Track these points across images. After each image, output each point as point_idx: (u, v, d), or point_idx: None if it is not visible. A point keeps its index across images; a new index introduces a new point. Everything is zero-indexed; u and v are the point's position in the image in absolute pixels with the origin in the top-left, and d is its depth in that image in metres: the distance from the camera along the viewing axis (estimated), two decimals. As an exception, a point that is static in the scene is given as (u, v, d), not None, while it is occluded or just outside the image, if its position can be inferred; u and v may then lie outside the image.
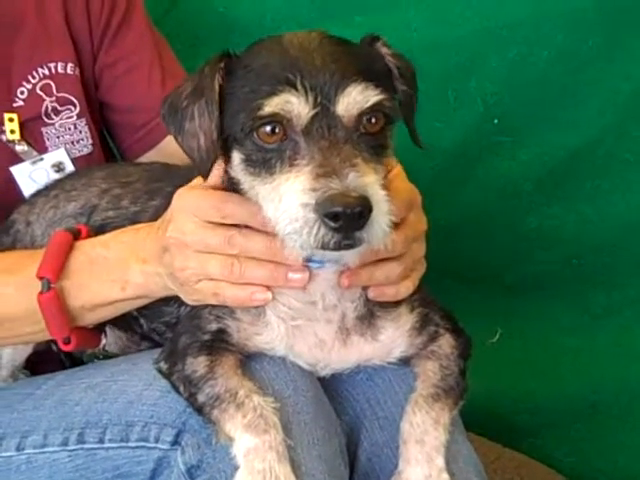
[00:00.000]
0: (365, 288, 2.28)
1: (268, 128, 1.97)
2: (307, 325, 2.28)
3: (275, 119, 1.95)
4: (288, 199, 1.91)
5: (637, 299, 3.65)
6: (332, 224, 1.85)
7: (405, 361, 2.41)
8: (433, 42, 3.42)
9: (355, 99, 1.95)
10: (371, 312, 2.31)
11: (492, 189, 3.64)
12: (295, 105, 1.93)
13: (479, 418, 3.53)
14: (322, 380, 2.38)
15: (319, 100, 1.93)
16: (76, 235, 2.45)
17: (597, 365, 3.74)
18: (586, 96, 3.39)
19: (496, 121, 3.50)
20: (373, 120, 1.99)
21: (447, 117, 3.52)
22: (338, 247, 1.90)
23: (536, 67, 3.38)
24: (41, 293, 2.36)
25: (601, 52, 3.30)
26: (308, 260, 2.16)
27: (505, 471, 3.83)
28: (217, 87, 2.04)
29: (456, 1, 3.40)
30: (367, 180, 1.89)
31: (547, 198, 3.61)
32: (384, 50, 2.12)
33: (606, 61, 3.31)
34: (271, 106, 1.94)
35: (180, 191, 2.25)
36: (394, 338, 2.35)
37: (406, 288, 2.30)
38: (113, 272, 2.37)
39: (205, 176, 2.13)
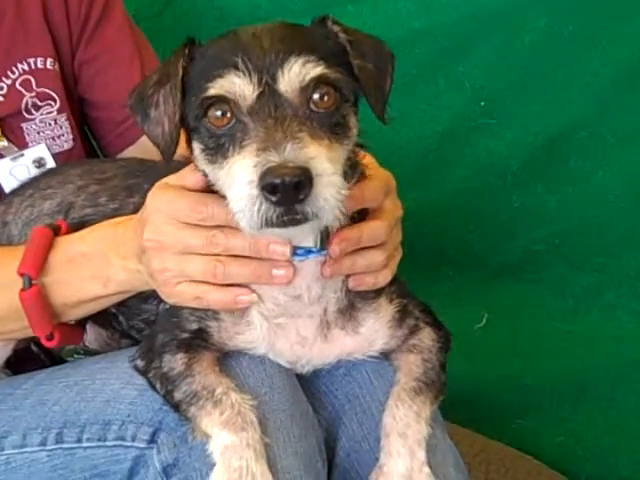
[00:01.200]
0: (347, 278, 2.17)
1: (218, 112, 1.91)
2: (289, 322, 2.18)
3: (220, 100, 1.90)
4: (237, 179, 1.83)
5: (619, 280, 3.61)
6: (272, 197, 1.76)
7: (385, 355, 2.30)
8: (423, 29, 3.42)
9: (295, 72, 1.87)
10: (352, 304, 2.21)
11: (478, 169, 3.61)
12: (238, 86, 1.87)
13: (468, 401, 3.55)
14: (300, 376, 2.29)
15: (264, 80, 1.86)
16: (56, 231, 2.34)
17: (582, 347, 3.68)
18: (568, 79, 3.38)
19: (483, 104, 3.49)
20: (325, 97, 1.90)
21: (436, 100, 3.52)
22: (283, 223, 1.80)
23: (520, 52, 3.39)
24: (23, 290, 2.26)
25: (582, 37, 3.30)
26: (293, 253, 2.06)
27: (490, 462, 3.74)
28: (180, 72, 1.99)
29: (445, -10, 3.38)
30: (309, 152, 1.79)
31: (530, 178, 3.57)
32: (335, 28, 2.02)
33: (587, 46, 3.31)
34: (215, 88, 1.89)
35: (154, 191, 2.14)
36: (375, 329, 2.24)
37: (384, 276, 2.20)
38: (93, 268, 2.27)
39: (168, 161, 2.06)
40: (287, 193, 1.74)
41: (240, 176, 1.81)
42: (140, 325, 2.42)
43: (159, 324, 2.24)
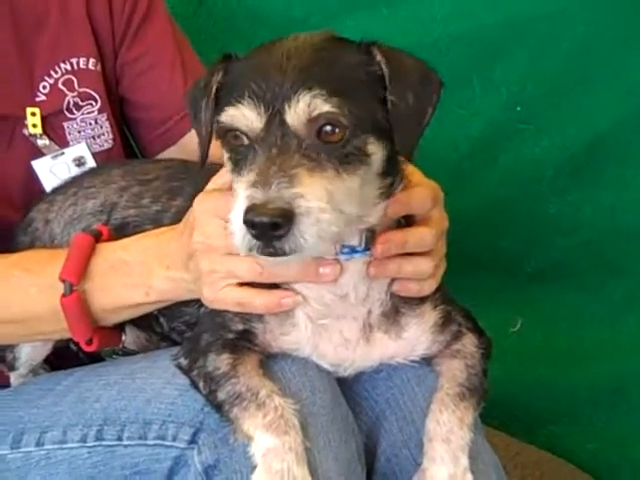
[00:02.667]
0: (392, 282, 2.17)
1: (233, 134, 1.96)
2: (334, 324, 2.18)
3: (231, 128, 1.95)
4: (235, 204, 1.88)
5: None
6: (252, 231, 1.82)
7: (427, 360, 2.30)
8: (458, 33, 3.36)
9: (301, 108, 1.87)
10: (396, 308, 2.20)
11: (514, 175, 3.55)
12: (247, 118, 1.91)
13: (501, 405, 3.49)
14: (341, 381, 2.28)
15: (273, 110, 1.88)
16: (97, 237, 2.35)
17: (618, 353, 3.63)
18: (606, 85, 3.32)
19: (519, 109, 3.44)
20: (336, 130, 1.88)
21: (472, 105, 3.47)
22: (264, 254, 1.86)
23: (557, 57, 3.32)
24: (64, 296, 2.27)
25: (620, 43, 3.23)
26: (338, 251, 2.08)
27: (525, 466, 3.73)
28: (214, 88, 2.04)
29: (480, -7, 3.35)
30: (296, 191, 1.81)
31: (567, 184, 3.51)
32: (379, 57, 1.97)
33: (624, 52, 3.24)
34: (227, 116, 1.94)
35: (200, 196, 2.18)
36: (417, 335, 2.24)
37: (430, 285, 2.20)
38: (135, 277, 2.27)
39: (201, 165, 2.14)
40: (264, 231, 1.79)
41: (236, 203, 1.85)
42: (181, 327, 2.42)
43: (203, 324, 2.24)
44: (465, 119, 3.47)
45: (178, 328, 2.44)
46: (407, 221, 2.13)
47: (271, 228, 1.78)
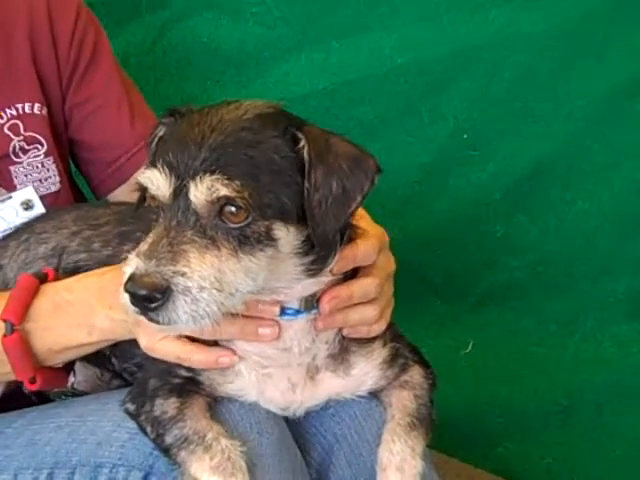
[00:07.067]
0: (340, 328, 2.09)
1: (150, 193, 1.90)
2: (278, 372, 2.09)
3: (145, 188, 1.89)
4: None
5: (600, 306, 3.51)
6: (130, 299, 1.78)
7: (373, 393, 2.21)
8: (407, 64, 3.35)
9: (200, 191, 1.79)
10: (345, 348, 2.11)
11: (462, 199, 3.51)
12: (155, 183, 1.84)
13: (454, 426, 3.43)
14: (289, 418, 2.18)
15: (181, 184, 1.81)
16: (42, 279, 2.23)
17: (566, 371, 3.59)
18: (547, 113, 3.32)
19: (465, 136, 3.41)
20: (239, 212, 1.79)
21: (420, 133, 3.44)
22: (148, 320, 1.80)
23: (500, 86, 3.32)
24: (5, 336, 2.14)
25: (557, 73, 3.25)
26: (282, 312, 1.98)
27: None
28: (155, 140, 2.01)
29: (426, 27, 3.33)
30: (178, 268, 1.75)
31: (513, 208, 3.48)
32: (302, 143, 1.84)
33: (562, 81, 3.26)
34: (144, 177, 1.88)
35: None
36: (366, 371, 2.15)
37: (379, 326, 2.12)
38: (79, 316, 2.16)
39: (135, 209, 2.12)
40: (138, 301, 1.76)
41: (126, 268, 1.81)
42: (132, 368, 2.30)
43: (148, 370, 2.13)
44: (414, 146, 3.44)
45: (129, 369, 2.32)
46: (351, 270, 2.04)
47: (144, 300, 1.74)
